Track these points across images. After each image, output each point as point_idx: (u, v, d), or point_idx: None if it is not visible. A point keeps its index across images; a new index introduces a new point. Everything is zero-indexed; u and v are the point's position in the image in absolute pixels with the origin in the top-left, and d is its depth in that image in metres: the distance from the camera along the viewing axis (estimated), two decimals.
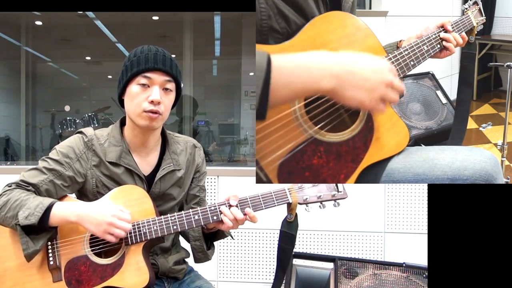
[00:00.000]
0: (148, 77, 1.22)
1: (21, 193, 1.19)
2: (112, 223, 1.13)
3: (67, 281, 1.17)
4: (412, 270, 2.03)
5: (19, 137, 5.18)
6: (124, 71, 1.26)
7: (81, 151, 1.27)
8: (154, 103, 1.21)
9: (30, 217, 1.12)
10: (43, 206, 1.14)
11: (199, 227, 1.30)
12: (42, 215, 1.13)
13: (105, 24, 5.22)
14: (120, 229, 1.14)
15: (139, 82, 1.22)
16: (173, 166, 1.33)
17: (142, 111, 1.22)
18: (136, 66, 1.22)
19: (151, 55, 1.23)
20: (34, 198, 1.17)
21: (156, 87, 1.22)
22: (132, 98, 1.23)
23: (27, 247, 1.14)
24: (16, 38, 5.23)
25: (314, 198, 1.18)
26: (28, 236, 1.14)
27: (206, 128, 5.16)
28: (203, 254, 1.34)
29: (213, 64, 6.09)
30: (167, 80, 1.24)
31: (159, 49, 1.26)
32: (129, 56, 1.26)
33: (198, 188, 1.42)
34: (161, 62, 1.23)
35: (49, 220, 1.15)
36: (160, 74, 1.23)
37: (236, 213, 1.17)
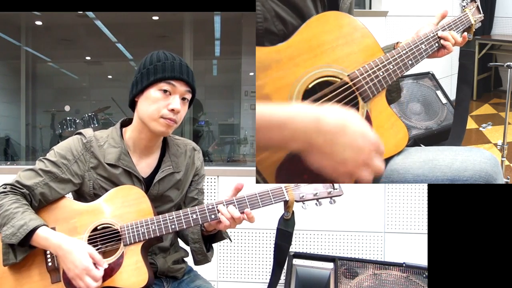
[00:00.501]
0: (172, 84, 1.22)
1: (14, 201, 1.18)
2: (79, 276, 1.11)
3: (66, 282, 1.17)
4: (412, 270, 2.02)
5: (19, 137, 5.18)
6: (146, 74, 1.24)
7: (79, 153, 1.26)
8: (174, 112, 1.22)
9: (12, 237, 1.12)
10: (26, 228, 1.13)
11: (199, 230, 1.30)
12: (24, 236, 1.12)
13: (105, 24, 5.22)
14: (84, 284, 1.11)
15: (161, 88, 1.22)
16: (172, 169, 1.33)
17: (159, 117, 1.22)
18: (161, 72, 1.22)
19: (177, 64, 1.24)
20: (22, 215, 1.15)
21: (177, 96, 1.23)
22: (151, 102, 1.23)
23: (7, 259, 1.15)
24: (16, 38, 5.24)
25: (310, 195, 1.19)
26: (11, 247, 1.15)
27: (206, 128, 5.16)
28: (203, 256, 1.34)
29: (213, 64, 6.09)
30: (188, 90, 1.25)
31: (182, 59, 1.27)
32: (151, 60, 1.25)
33: (197, 191, 1.42)
34: (185, 73, 1.24)
35: (31, 241, 1.14)
36: (182, 84, 1.24)
37: (233, 211, 1.17)
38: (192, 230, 1.31)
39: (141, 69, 1.26)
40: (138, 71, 1.27)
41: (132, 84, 1.29)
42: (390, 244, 2.31)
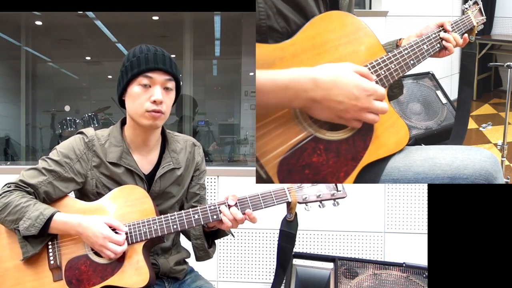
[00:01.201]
0: (149, 76, 1.22)
1: (22, 197, 1.20)
2: (103, 245, 1.15)
3: (68, 281, 1.17)
4: (412, 270, 2.03)
5: (19, 137, 5.18)
6: (124, 72, 1.26)
7: (82, 152, 1.27)
8: (156, 103, 1.22)
9: (31, 228, 1.15)
10: (43, 217, 1.16)
11: (200, 226, 1.30)
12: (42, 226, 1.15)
13: (105, 24, 5.22)
14: (110, 251, 1.16)
15: (140, 82, 1.23)
16: (172, 165, 1.33)
17: (144, 111, 1.22)
18: (137, 66, 1.22)
19: (151, 55, 1.23)
20: (34, 206, 1.18)
21: (158, 86, 1.23)
22: (134, 99, 1.24)
23: (26, 251, 1.17)
24: (16, 38, 5.23)
25: (313, 197, 1.19)
26: (27, 240, 1.17)
27: (206, 128, 5.16)
28: (205, 252, 1.34)
29: (213, 64, 6.09)
30: (168, 79, 1.24)
31: (157, 48, 1.26)
32: (128, 57, 1.26)
33: (198, 186, 1.42)
34: (161, 62, 1.23)
35: (49, 229, 1.18)
36: (160, 73, 1.23)
37: (236, 213, 1.18)
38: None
39: (121, 69, 1.28)
40: (122, 65, 1.28)
41: (117, 85, 1.29)
42: (390, 244, 2.31)
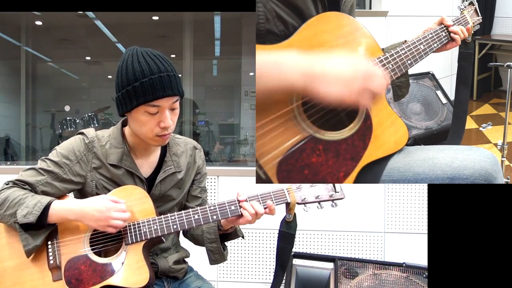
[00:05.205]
0: (157, 105, 1.16)
1: (19, 191, 1.20)
2: (110, 217, 1.15)
3: (67, 280, 1.17)
4: (412, 270, 2.02)
5: (19, 137, 5.18)
6: (126, 96, 1.17)
7: (82, 153, 1.26)
8: (166, 128, 1.19)
9: (29, 216, 1.13)
10: (41, 204, 1.15)
11: (215, 230, 1.30)
12: (40, 213, 1.14)
13: (105, 24, 5.22)
14: (118, 219, 1.16)
15: (147, 110, 1.16)
16: (174, 169, 1.33)
17: (154, 136, 1.20)
18: (142, 95, 1.14)
19: (156, 80, 1.14)
20: (32, 197, 1.18)
21: (166, 111, 1.18)
22: (141, 124, 1.19)
23: (27, 243, 1.16)
24: (16, 38, 5.23)
25: (312, 198, 1.19)
26: (27, 233, 1.16)
27: (206, 128, 5.16)
28: (220, 255, 1.33)
29: (213, 64, 6.09)
30: (175, 100, 1.19)
31: (160, 67, 1.16)
32: (128, 77, 1.15)
33: (200, 189, 1.42)
34: (168, 87, 1.15)
35: (48, 218, 1.16)
36: (168, 98, 1.17)
37: (258, 207, 1.17)
38: (208, 230, 1.31)
39: (121, 88, 1.18)
40: (122, 86, 1.17)
41: (116, 100, 1.21)
42: (390, 244, 2.31)
